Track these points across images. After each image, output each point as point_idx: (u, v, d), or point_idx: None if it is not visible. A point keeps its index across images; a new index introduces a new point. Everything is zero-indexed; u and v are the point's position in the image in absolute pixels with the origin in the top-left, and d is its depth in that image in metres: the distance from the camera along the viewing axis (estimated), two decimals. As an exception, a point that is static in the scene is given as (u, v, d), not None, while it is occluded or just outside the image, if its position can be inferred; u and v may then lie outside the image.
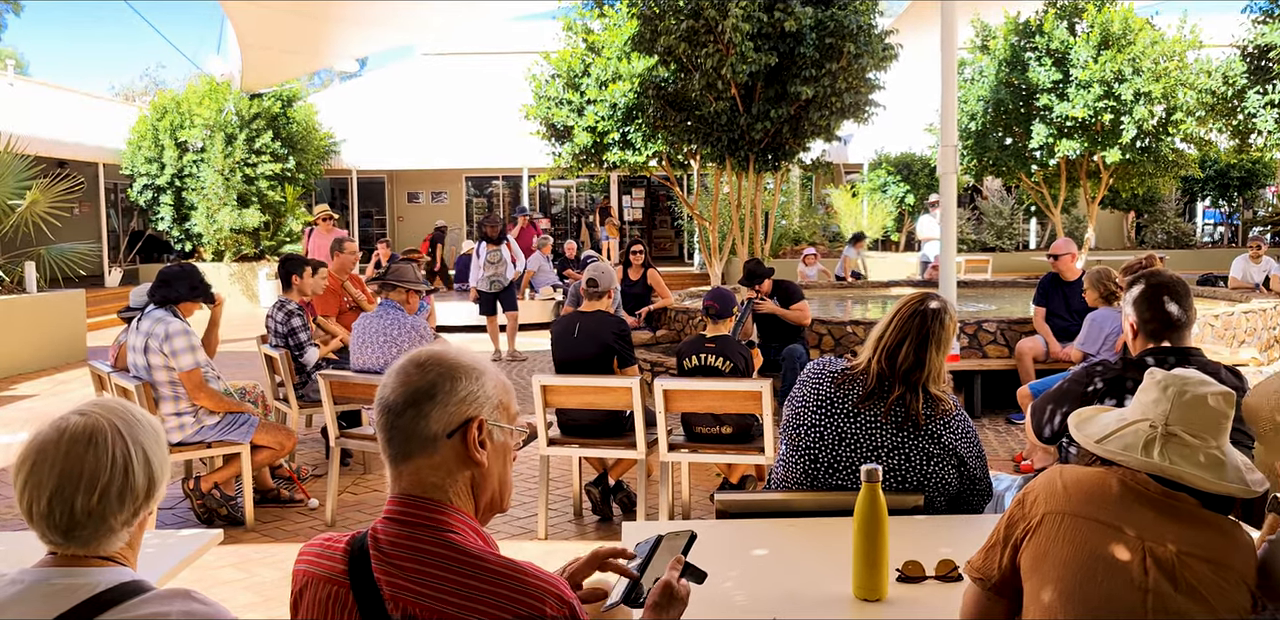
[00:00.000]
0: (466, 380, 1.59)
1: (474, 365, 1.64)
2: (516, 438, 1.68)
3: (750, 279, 7.12)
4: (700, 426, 4.95)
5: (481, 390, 1.61)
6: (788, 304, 7.12)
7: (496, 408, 1.62)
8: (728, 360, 4.98)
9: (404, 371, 1.62)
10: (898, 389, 2.64)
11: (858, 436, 2.64)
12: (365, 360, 5.24)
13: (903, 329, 2.67)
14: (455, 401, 1.59)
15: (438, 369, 1.61)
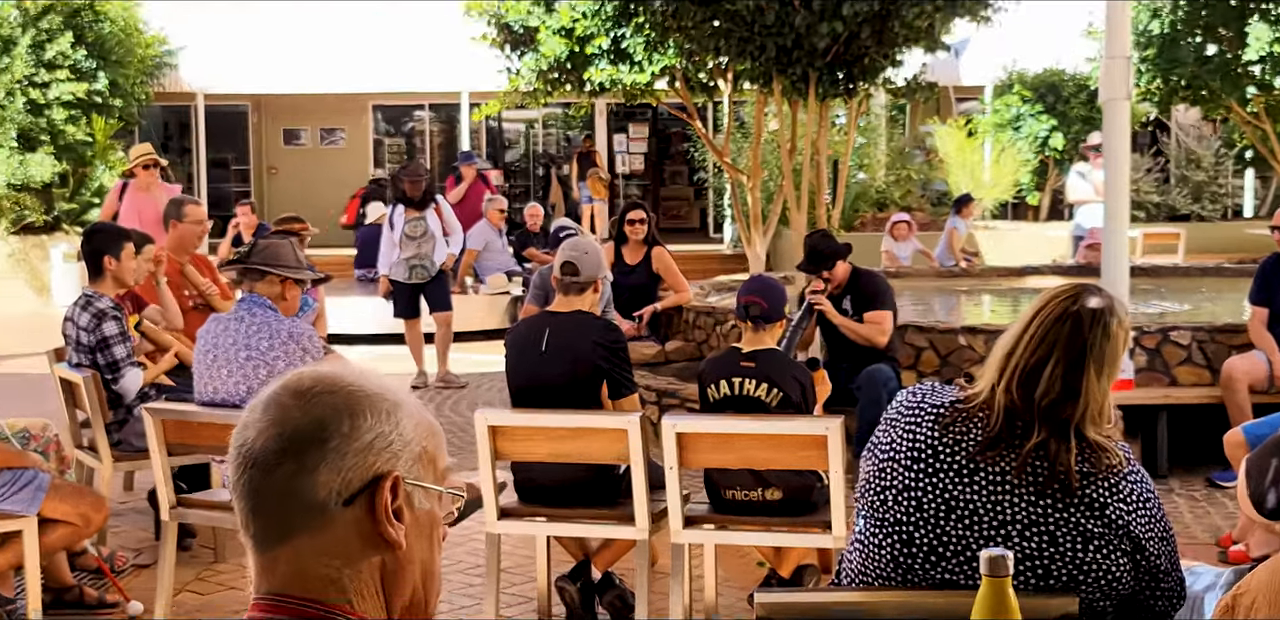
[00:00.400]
0: (372, 418, 1.59)
1: (383, 395, 1.63)
2: (449, 505, 1.67)
3: (814, 262, 7.14)
4: (734, 490, 4.96)
5: (395, 433, 1.60)
6: (863, 308, 7.14)
7: (417, 459, 1.62)
8: (776, 387, 4.99)
9: (275, 405, 1.61)
10: (1038, 433, 2.65)
11: (975, 506, 2.64)
12: (217, 386, 5.24)
13: (1045, 341, 2.68)
14: (355, 451, 1.58)
15: (328, 401, 1.60)
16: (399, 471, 1.59)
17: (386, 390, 1.63)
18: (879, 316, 7.10)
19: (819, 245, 7.14)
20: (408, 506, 1.61)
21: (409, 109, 24.04)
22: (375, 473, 1.58)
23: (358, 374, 1.65)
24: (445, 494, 1.66)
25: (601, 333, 5.08)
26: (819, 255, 7.10)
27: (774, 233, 13.83)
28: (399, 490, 1.59)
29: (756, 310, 5.10)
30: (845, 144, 12.95)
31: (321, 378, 1.63)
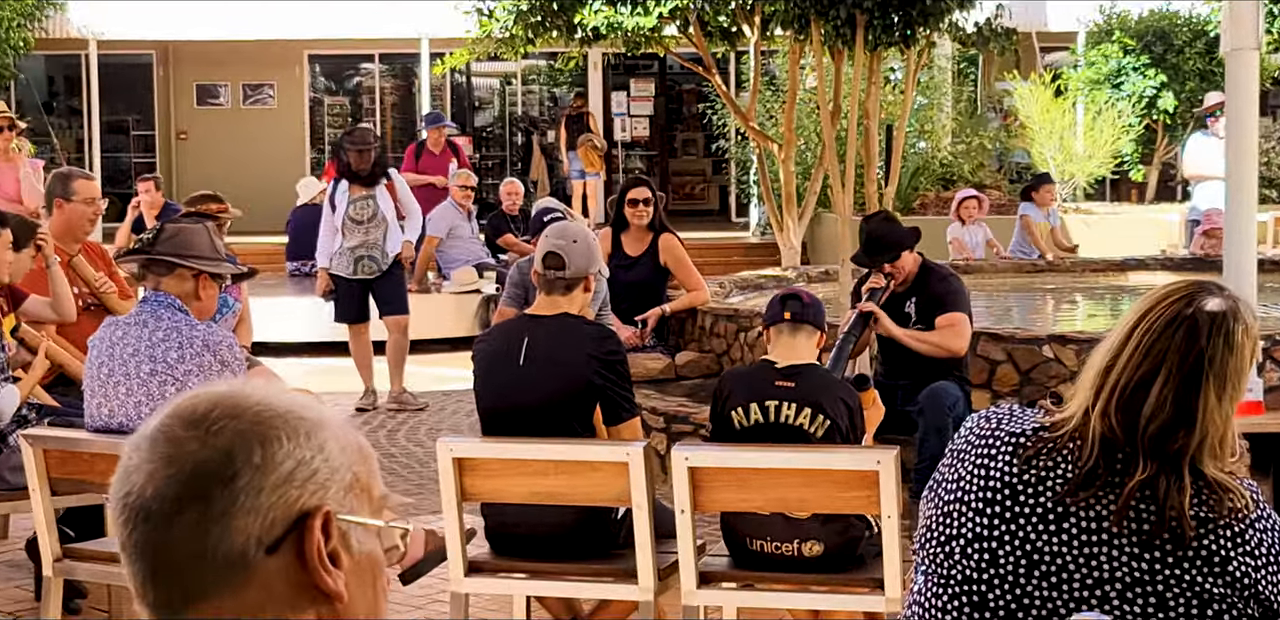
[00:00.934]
0: (289, 442, 1.59)
1: (298, 413, 1.63)
2: (391, 542, 1.68)
3: (874, 252, 7.13)
4: (761, 540, 4.96)
5: (320, 458, 1.60)
6: (932, 313, 7.13)
7: (349, 489, 1.62)
8: (822, 413, 4.99)
9: (165, 439, 1.61)
10: (1143, 468, 2.65)
11: (1064, 560, 2.64)
12: (113, 408, 5.24)
13: (1152, 353, 2.68)
14: (273, 485, 1.58)
15: (231, 428, 1.60)
16: (329, 505, 1.60)
17: (302, 407, 1.64)
18: (955, 319, 7.08)
19: (880, 231, 7.14)
20: (344, 548, 1.61)
21: (354, 60, 24.05)
22: (301, 509, 1.58)
23: (268, 394, 1.65)
24: (386, 529, 1.67)
25: (595, 342, 5.08)
26: (880, 244, 7.10)
27: (810, 216, 13.84)
28: (331, 529, 1.59)
29: (797, 313, 5.11)
30: (901, 105, 12.97)
31: (219, 399, 1.63)
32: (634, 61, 22.96)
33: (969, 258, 12.68)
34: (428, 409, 10.50)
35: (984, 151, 19.12)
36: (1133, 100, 19.17)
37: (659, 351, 9.28)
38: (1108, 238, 16.50)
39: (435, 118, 16.12)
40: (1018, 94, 19.40)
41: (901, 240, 7.11)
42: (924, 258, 7.28)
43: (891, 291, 7.09)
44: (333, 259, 10.61)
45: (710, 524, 6.37)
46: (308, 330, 13.24)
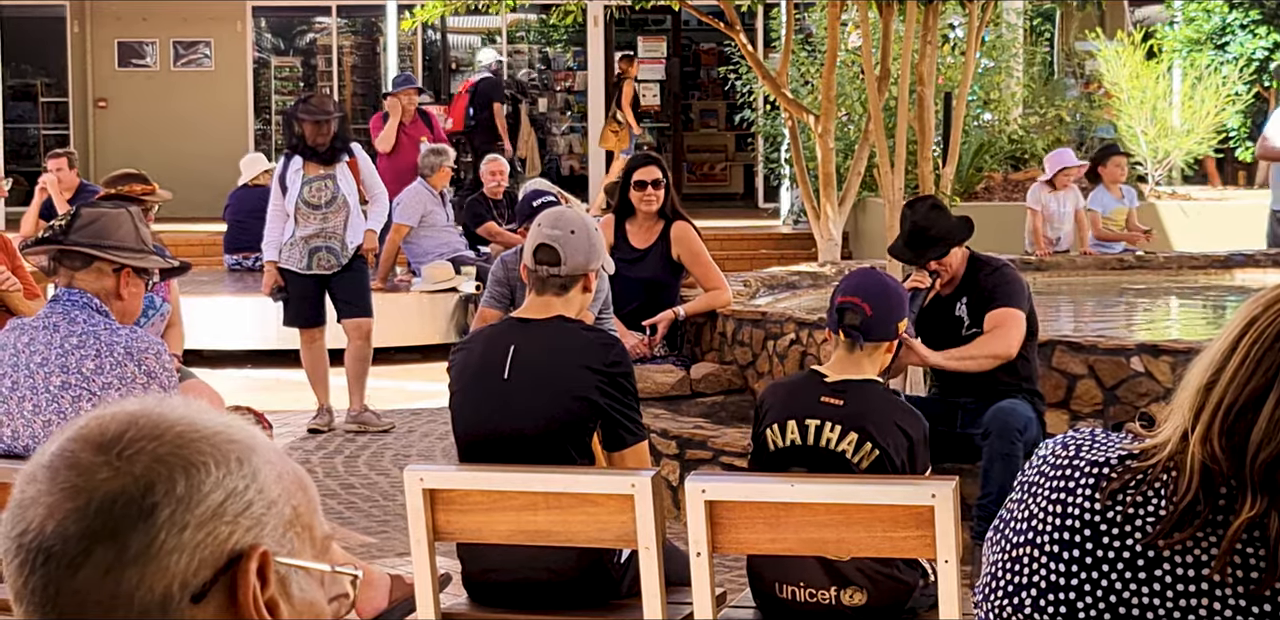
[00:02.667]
0: (217, 470, 1.59)
1: (227, 436, 1.63)
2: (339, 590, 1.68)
3: (918, 245, 7.14)
4: (794, 587, 4.97)
5: (253, 489, 1.60)
6: (982, 311, 7.12)
7: (288, 526, 1.62)
8: (870, 440, 5.01)
9: (70, 466, 1.61)
10: (1251, 504, 2.64)
11: (1157, 613, 2.64)
12: (17, 427, 5.25)
13: (1262, 367, 2.67)
14: (199, 521, 1.58)
15: (150, 452, 1.60)
16: (266, 545, 1.60)
17: (231, 428, 1.64)
18: (1002, 315, 7.05)
19: (928, 221, 7.14)
20: (283, 596, 1.62)
21: (307, 14, 24.07)
22: (232, 549, 1.59)
23: (184, 408, 1.65)
24: (332, 574, 1.67)
25: (595, 351, 5.09)
26: (926, 237, 7.11)
27: (854, 201, 13.84)
28: (268, 572, 1.60)
29: (855, 318, 5.11)
30: (963, 69, 12.97)
31: (134, 418, 1.62)
32: (642, 16, 22.97)
33: (1044, 253, 12.64)
34: (393, 431, 10.50)
35: (1061, 125, 19.11)
36: (1240, 64, 19.17)
37: (671, 362, 9.28)
38: (1209, 228, 16.50)
39: (404, 79, 16.13)
40: (1102, 56, 19.39)
41: (951, 233, 7.11)
42: (973, 251, 7.28)
43: (937, 293, 7.09)
44: (282, 251, 10.61)
45: (732, 568, 6.39)
46: (251, 336, 13.25)
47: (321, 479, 9.02)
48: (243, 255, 15.28)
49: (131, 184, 8.56)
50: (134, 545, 1.56)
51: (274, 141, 23.28)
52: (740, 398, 8.93)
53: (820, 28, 17.08)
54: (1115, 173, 13.12)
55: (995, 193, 17.44)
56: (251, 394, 11.03)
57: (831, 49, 12.93)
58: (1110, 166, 13.09)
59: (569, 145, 24.56)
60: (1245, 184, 20.28)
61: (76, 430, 1.61)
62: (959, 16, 14.72)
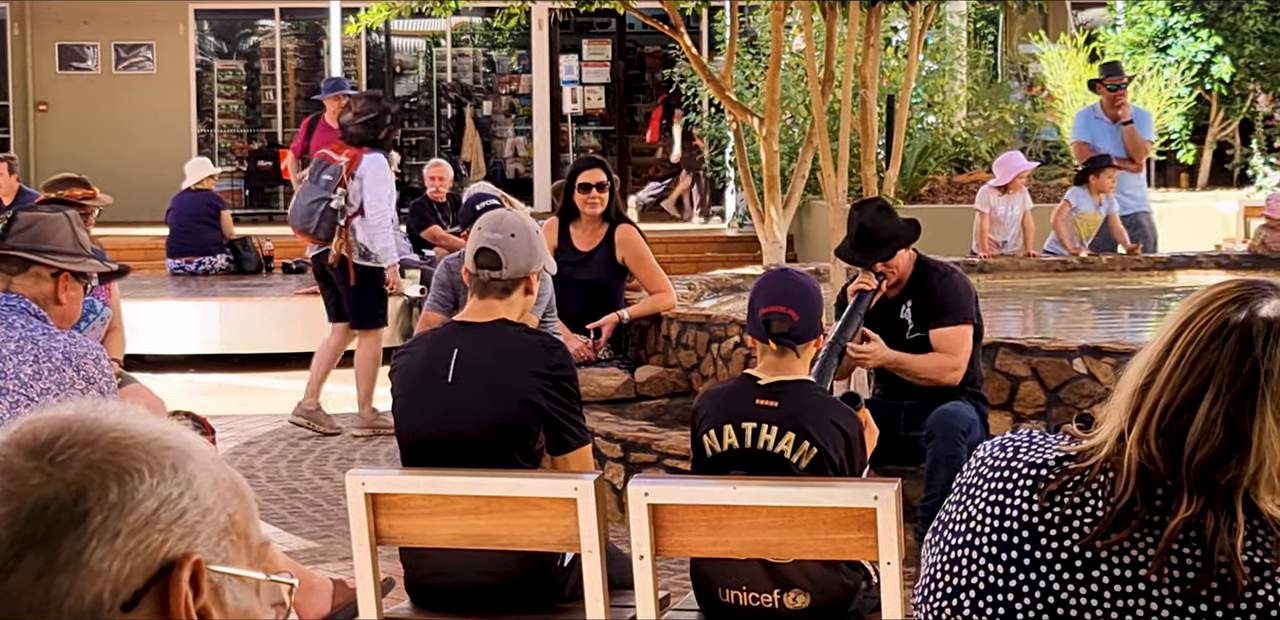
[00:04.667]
0: (151, 476, 1.58)
1: (166, 444, 1.62)
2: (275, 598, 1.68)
3: (866, 247, 7.15)
4: (737, 591, 4.98)
5: (188, 496, 1.60)
6: (930, 321, 7.14)
7: (223, 534, 1.61)
8: (809, 440, 5.01)
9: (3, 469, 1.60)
10: (1188, 504, 2.65)
11: (1094, 613, 2.65)
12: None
13: (1198, 367, 2.68)
14: (132, 528, 1.57)
15: (82, 458, 1.59)
16: (199, 553, 1.59)
17: (167, 434, 1.63)
18: (951, 336, 7.08)
19: (873, 223, 7.15)
20: (216, 605, 1.61)
21: (250, 17, 23.98)
22: (165, 558, 1.58)
23: (118, 413, 1.64)
24: (268, 583, 1.66)
25: (539, 355, 5.09)
26: (874, 238, 7.11)
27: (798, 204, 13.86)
28: (201, 581, 1.59)
29: (783, 326, 5.11)
30: (906, 72, 13.00)
31: (67, 424, 1.62)
32: (586, 19, 22.93)
33: (989, 255, 12.67)
34: (339, 434, 10.47)
35: (1005, 127, 19.17)
36: (1182, 67, 19.27)
37: (615, 366, 9.28)
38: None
39: (334, 84, 16.07)
40: (1045, 59, 19.48)
41: (899, 235, 7.12)
42: (920, 254, 7.29)
43: (883, 295, 7.10)
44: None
45: (676, 572, 6.39)
46: (194, 340, 13.19)
47: (264, 483, 9.00)
48: (185, 259, 15.24)
49: (72, 188, 8.52)
50: (65, 552, 1.55)
51: (216, 145, 23.20)
52: (685, 401, 8.93)
53: (764, 30, 17.11)
54: (1105, 183, 13.02)
55: (939, 195, 17.49)
56: (194, 398, 10.99)
57: (775, 52, 12.94)
58: (1102, 176, 12.97)
59: (514, 148, 24.53)
60: (1188, 186, 20.38)
61: (9, 435, 1.60)
62: (902, 19, 14.74)
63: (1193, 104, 19.51)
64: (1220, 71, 19.29)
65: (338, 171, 10.35)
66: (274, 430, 10.59)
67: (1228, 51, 19.27)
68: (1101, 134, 13.07)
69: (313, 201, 10.28)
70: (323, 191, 10.33)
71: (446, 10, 15.05)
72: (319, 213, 10.30)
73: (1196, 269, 12.58)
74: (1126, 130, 12.87)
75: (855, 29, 11.55)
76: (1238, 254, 13.01)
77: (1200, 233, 16.30)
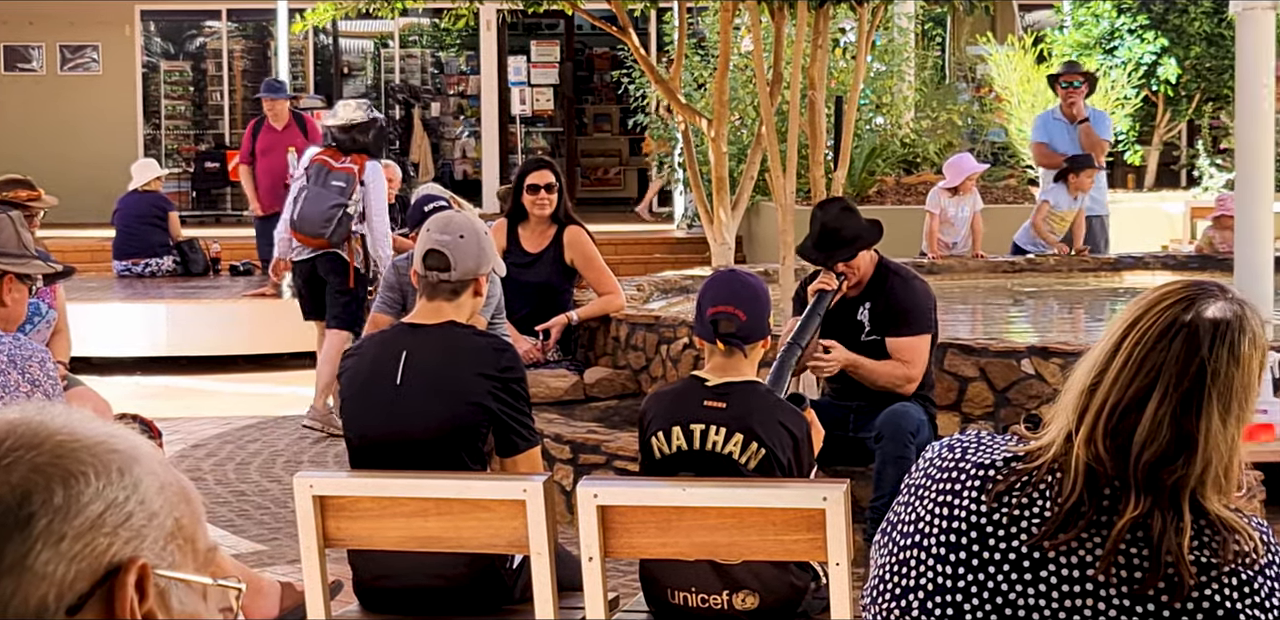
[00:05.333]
0: (97, 480, 1.57)
1: (112, 447, 1.62)
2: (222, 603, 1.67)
3: (828, 246, 7.15)
4: (686, 592, 4.98)
5: (134, 500, 1.59)
6: (887, 328, 7.15)
7: (169, 538, 1.61)
8: (756, 441, 5.02)
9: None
10: (1135, 504, 2.66)
11: (1042, 613, 2.65)
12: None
13: (1145, 368, 2.69)
14: (77, 532, 1.57)
15: (27, 461, 1.58)
16: (145, 558, 1.59)
17: (114, 438, 1.62)
18: (911, 346, 7.09)
19: (836, 223, 7.14)
20: (162, 609, 1.60)
21: (196, 18, 23.88)
22: (111, 562, 1.57)
23: (64, 416, 1.63)
24: (214, 587, 1.65)
25: (488, 357, 5.08)
26: (836, 238, 7.10)
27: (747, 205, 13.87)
28: (147, 585, 1.58)
29: (731, 326, 5.11)
30: (854, 73, 13.03)
31: (12, 427, 1.60)
32: (535, 20, 22.92)
33: (937, 256, 12.70)
34: (282, 438, 10.44)
35: (953, 129, 19.21)
36: (1128, 69, 19.35)
37: (564, 367, 9.28)
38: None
39: (271, 86, 16.02)
40: (993, 60, 19.55)
41: (861, 235, 7.12)
42: (881, 256, 7.30)
43: (842, 295, 7.10)
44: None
45: (625, 573, 6.39)
46: (140, 343, 13.13)
47: (212, 486, 8.96)
48: (132, 261, 15.17)
49: (16, 190, 8.49)
50: (9, 555, 1.54)
51: (163, 146, 23.10)
52: (634, 402, 8.93)
53: (713, 32, 17.13)
54: (1084, 182, 12.93)
55: (888, 196, 17.52)
56: (141, 401, 10.95)
57: (724, 53, 12.94)
58: (1082, 176, 12.91)
59: (462, 150, 24.48)
60: (1134, 187, 20.47)
61: None
62: (850, 21, 14.76)
63: (1139, 105, 19.59)
64: (1166, 73, 19.37)
65: (349, 178, 10.45)
66: (221, 433, 10.56)
67: (1174, 53, 19.35)
68: (1059, 135, 13.11)
69: (331, 206, 10.29)
70: (338, 197, 10.38)
71: (394, 11, 15.01)
72: (337, 219, 10.35)
73: (1143, 270, 12.64)
74: (1082, 129, 12.91)
75: (803, 30, 11.57)
76: (1184, 255, 13.07)
77: (1147, 234, 16.38)
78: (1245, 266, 7.28)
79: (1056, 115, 13.30)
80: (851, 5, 11.58)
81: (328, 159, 10.54)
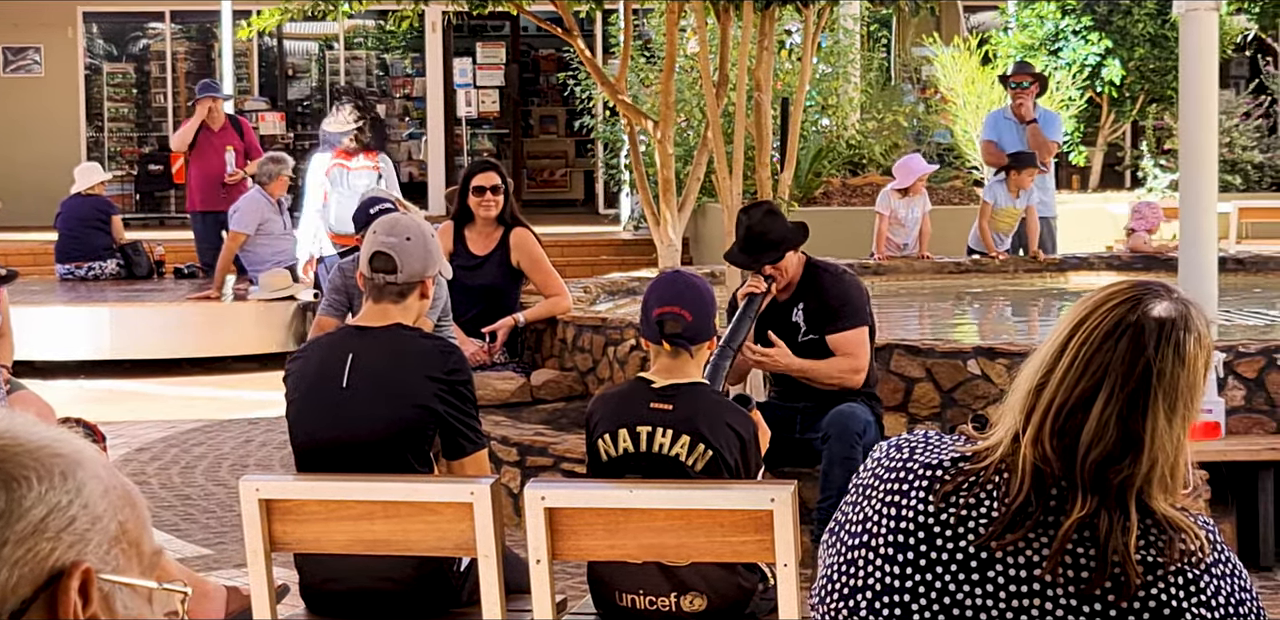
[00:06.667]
0: (40, 484, 1.57)
1: (56, 451, 1.61)
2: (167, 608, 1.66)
3: (754, 249, 7.17)
4: (634, 595, 4.99)
5: (78, 504, 1.58)
6: (824, 325, 7.17)
7: (114, 542, 1.60)
8: (703, 442, 5.02)
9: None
10: (1082, 504, 2.66)
11: (990, 613, 2.66)
12: None
13: (1091, 368, 2.69)
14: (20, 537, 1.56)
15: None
16: (89, 562, 1.58)
17: (57, 442, 1.61)
18: (851, 339, 7.11)
19: (761, 227, 7.17)
20: (106, 613, 1.59)
21: (140, 19, 23.78)
22: (54, 566, 1.57)
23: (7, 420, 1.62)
24: (160, 592, 1.65)
25: (434, 359, 5.07)
26: (760, 241, 7.13)
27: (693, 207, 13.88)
28: (91, 590, 1.58)
29: (677, 327, 5.11)
30: (800, 75, 13.05)
31: None
32: (481, 22, 22.92)
33: (884, 257, 12.71)
34: (228, 442, 10.41)
35: (898, 130, 19.27)
36: (1073, 70, 19.43)
37: (511, 370, 9.27)
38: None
39: (206, 86, 15.97)
40: (938, 62, 19.60)
41: (786, 237, 7.14)
42: (809, 256, 7.32)
43: (773, 298, 7.11)
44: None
45: (573, 575, 6.39)
46: (84, 346, 13.07)
47: (157, 491, 8.93)
48: (75, 264, 15.10)
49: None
50: None
51: (106, 149, 23.00)
52: (581, 404, 8.92)
53: (659, 34, 17.13)
54: (1024, 180, 12.86)
55: (834, 198, 17.55)
56: (85, 405, 10.90)
57: (670, 55, 12.94)
58: (1023, 174, 12.83)
59: (408, 152, 24.43)
60: (1079, 188, 20.55)
61: None
62: (796, 22, 14.79)
63: (1084, 107, 19.68)
64: (1111, 74, 19.46)
65: (369, 175, 10.73)
66: (166, 437, 10.52)
67: (1118, 54, 19.43)
68: (1009, 134, 13.15)
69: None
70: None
71: (340, 13, 14.98)
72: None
73: (1088, 270, 12.68)
74: (1030, 129, 12.95)
75: (749, 32, 11.58)
76: (1129, 255, 13.12)
77: (1092, 234, 16.45)
78: (1190, 266, 7.32)
79: (1007, 115, 13.35)
80: (797, 7, 11.60)
81: (343, 163, 10.86)
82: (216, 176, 14.41)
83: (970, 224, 13.29)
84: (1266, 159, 20.04)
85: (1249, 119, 20.14)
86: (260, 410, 11.21)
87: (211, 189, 14.27)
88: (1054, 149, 13.60)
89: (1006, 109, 13.50)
